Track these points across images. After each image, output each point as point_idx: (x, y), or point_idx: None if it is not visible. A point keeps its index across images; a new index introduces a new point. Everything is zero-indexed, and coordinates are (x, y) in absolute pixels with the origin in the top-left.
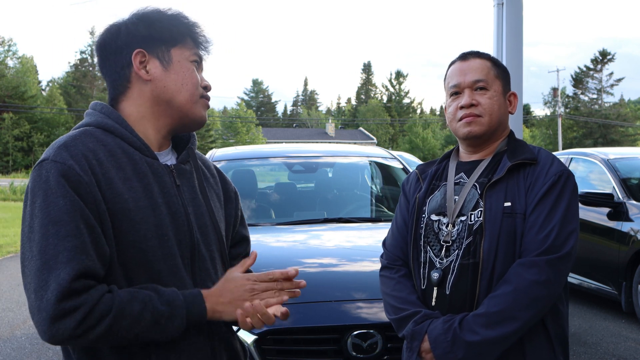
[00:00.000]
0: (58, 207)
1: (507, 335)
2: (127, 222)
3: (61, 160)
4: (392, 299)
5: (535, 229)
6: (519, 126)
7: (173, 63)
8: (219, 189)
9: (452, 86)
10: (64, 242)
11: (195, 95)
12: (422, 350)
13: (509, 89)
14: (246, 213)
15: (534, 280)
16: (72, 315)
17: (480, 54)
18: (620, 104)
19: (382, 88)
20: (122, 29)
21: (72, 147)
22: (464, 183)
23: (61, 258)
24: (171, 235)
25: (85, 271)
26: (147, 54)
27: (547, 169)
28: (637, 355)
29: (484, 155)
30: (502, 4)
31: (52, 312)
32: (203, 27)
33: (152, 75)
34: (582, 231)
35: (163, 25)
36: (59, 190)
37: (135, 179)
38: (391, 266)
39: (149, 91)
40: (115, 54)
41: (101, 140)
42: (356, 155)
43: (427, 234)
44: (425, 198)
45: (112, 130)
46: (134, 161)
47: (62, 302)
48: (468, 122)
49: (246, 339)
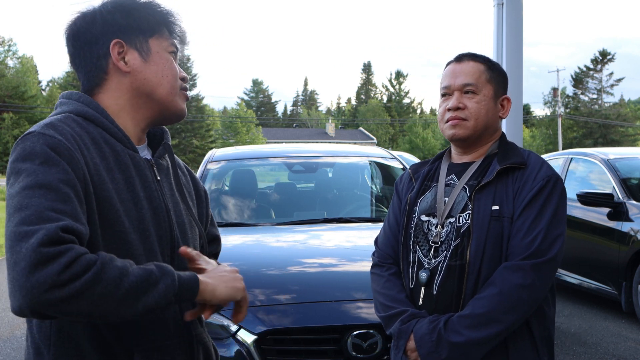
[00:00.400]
0: (49, 173)
1: (490, 337)
2: (113, 211)
3: (50, 134)
4: (381, 297)
5: (521, 233)
6: (519, 126)
7: (152, 54)
8: (191, 187)
9: (443, 87)
10: (53, 204)
11: (175, 88)
12: (407, 349)
13: (502, 93)
14: (246, 213)
15: (519, 284)
16: (56, 260)
17: (476, 57)
18: (620, 104)
19: (382, 88)
20: (97, 17)
21: (59, 127)
22: (454, 185)
23: (48, 215)
24: (152, 231)
25: (73, 229)
26: (125, 44)
27: (535, 173)
28: (637, 355)
29: (475, 157)
30: (502, 4)
31: (32, 258)
32: (178, 17)
33: (131, 66)
34: (582, 231)
35: (140, 14)
36: (50, 159)
37: (117, 170)
38: (382, 264)
39: (127, 83)
40: (91, 44)
41: (84, 127)
42: (356, 155)
43: (417, 234)
44: (417, 198)
45: (93, 119)
46: (117, 152)
47: (46, 246)
48: (453, 125)
49: (246, 339)
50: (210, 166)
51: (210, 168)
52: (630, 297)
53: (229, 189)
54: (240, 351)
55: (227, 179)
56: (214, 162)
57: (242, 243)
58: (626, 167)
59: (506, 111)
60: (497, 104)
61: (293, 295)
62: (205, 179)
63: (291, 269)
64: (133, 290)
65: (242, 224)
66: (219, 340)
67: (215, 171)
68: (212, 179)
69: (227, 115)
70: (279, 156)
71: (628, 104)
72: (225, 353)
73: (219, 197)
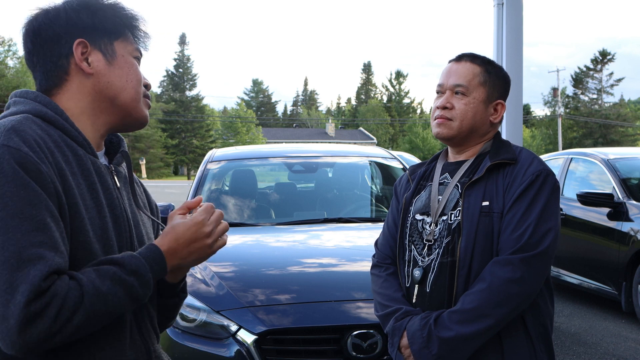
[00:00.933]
0: (19, 198)
1: (480, 332)
2: (79, 220)
3: (15, 146)
4: (379, 297)
5: (510, 227)
6: (519, 126)
7: (117, 57)
8: (145, 199)
9: (437, 85)
10: (30, 237)
11: (139, 94)
12: (401, 346)
13: (497, 98)
14: (246, 213)
15: (508, 278)
16: (45, 314)
17: (475, 58)
18: (620, 104)
19: (382, 88)
20: (61, 14)
21: (22, 132)
22: (447, 183)
23: (28, 255)
24: (114, 241)
25: (56, 269)
26: (89, 45)
27: (525, 168)
28: (637, 355)
29: (469, 155)
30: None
31: (21, 317)
32: (143, 21)
33: (94, 68)
34: (582, 231)
35: (106, 15)
36: (18, 179)
37: (80, 175)
38: (380, 264)
39: (90, 85)
40: (52, 42)
41: (45, 130)
42: (356, 155)
43: (412, 233)
44: (412, 198)
45: (53, 121)
46: (79, 157)
47: (32, 302)
48: (438, 124)
49: (246, 339)
50: (210, 166)
51: (210, 168)
52: (630, 297)
53: (229, 189)
54: (240, 351)
55: (227, 179)
56: (214, 162)
57: (242, 243)
58: (626, 167)
59: (499, 116)
60: (488, 108)
61: (293, 295)
62: (205, 179)
63: (291, 269)
64: (116, 308)
65: (242, 224)
66: (219, 340)
67: (215, 171)
68: (212, 179)
69: (227, 115)
70: (279, 156)
71: (628, 104)
72: (225, 353)
73: (219, 197)
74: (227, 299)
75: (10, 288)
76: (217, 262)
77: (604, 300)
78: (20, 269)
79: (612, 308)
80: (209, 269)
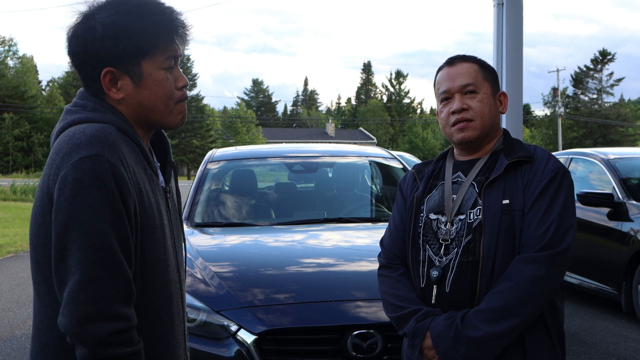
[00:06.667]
0: (102, 231)
1: (509, 331)
2: (150, 240)
3: (114, 162)
4: (391, 298)
5: (534, 225)
6: (519, 126)
7: (144, 77)
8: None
9: (442, 92)
10: (109, 289)
11: (169, 107)
12: (424, 348)
13: (498, 89)
14: (246, 213)
15: (535, 276)
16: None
17: (467, 58)
18: (620, 104)
19: (382, 88)
20: (87, 44)
21: (113, 148)
22: (461, 182)
23: (106, 312)
24: (171, 262)
25: (124, 329)
26: (116, 71)
27: (544, 166)
28: (637, 355)
29: (481, 154)
30: (502, 4)
31: (97, 346)
32: (177, 17)
33: (124, 92)
34: (582, 231)
35: (131, 38)
36: (107, 197)
37: (151, 193)
38: (390, 265)
39: (123, 104)
40: (82, 68)
41: (127, 145)
42: (356, 155)
43: (426, 233)
44: (423, 197)
45: (130, 136)
46: (149, 175)
47: (105, 345)
48: (461, 128)
49: (246, 339)
50: (210, 166)
51: (210, 168)
52: (630, 297)
53: (229, 189)
54: (240, 351)
55: (227, 179)
56: (214, 162)
57: (241, 243)
58: (626, 167)
59: (504, 106)
60: (496, 100)
61: (293, 295)
62: (205, 179)
63: (291, 269)
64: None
65: (242, 224)
66: (219, 340)
67: (215, 171)
68: (212, 179)
69: (227, 115)
70: (279, 156)
71: (628, 104)
72: (225, 353)
73: (218, 197)
74: (227, 299)
75: (96, 317)
76: (217, 262)
77: (604, 300)
78: (99, 322)
79: (612, 308)
80: (208, 269)
